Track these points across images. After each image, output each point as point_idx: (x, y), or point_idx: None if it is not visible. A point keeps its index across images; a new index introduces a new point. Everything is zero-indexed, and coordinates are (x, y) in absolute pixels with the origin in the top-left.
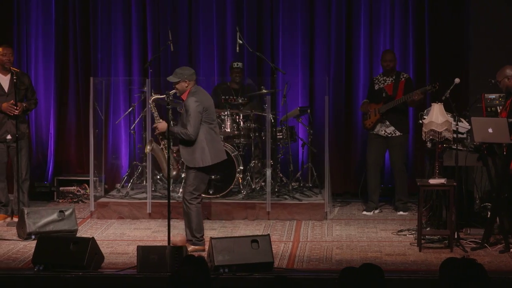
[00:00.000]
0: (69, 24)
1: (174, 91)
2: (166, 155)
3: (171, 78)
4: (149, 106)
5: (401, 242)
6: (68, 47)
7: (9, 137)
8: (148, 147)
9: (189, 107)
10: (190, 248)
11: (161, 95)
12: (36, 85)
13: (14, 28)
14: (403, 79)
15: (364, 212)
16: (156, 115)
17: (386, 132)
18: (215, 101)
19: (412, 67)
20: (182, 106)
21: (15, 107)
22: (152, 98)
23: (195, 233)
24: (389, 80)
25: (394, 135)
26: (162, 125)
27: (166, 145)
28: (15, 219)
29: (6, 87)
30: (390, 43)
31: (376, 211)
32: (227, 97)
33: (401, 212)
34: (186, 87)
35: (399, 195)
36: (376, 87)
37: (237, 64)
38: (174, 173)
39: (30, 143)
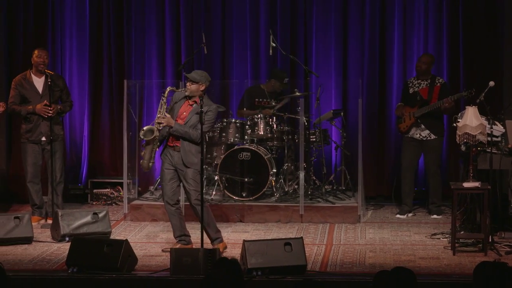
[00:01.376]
0: (103, 26)
1: (183, 89)
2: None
3: (194, 78)
4: (163, 96)
5: (435, 245)
6: (102, 50)
7: (43, 139)
8: (152, 134)
9: (213, 113)
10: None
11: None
12: (70, 87)
13: (49, 30)
14: (438, 84)
15: (398, 215)
16: (165, 107)
17: (421, 135)
18: (247, 103)
19: (446, 70)
20: (204, 110)
21: (49, 109)
22: (169, 89)
23: (217, 228)
24: (424, 84)
25: (429, 138)
26: (169, 120)
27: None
28: (49, 221)
29: (40, 89)
30: (424, 46)
31: (410, 215)
32: (260, 99)
33: (434, 216)
34: (201, 91)
35: (433, 198)
36: (411, 90)
37: (286, 81)
38: (151, 164)
39: (64, 146)
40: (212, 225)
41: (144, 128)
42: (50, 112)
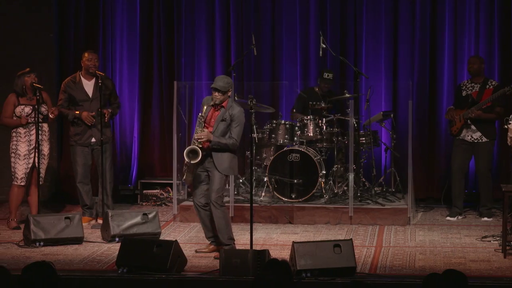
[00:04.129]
0: (153, 28)
1: (217, 98)
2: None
3: (223, 87)
4: (200, 115)
5: (485, 248)
6: (152, 52)
7: (93, 140)
8: (198, 155)
9: (239, 117)
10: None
11: (243, 100)
12: (120, 89)
13: (100, 32)
14: (491, 86)
15: (448, 218)
16: (204, 123)
17: (472, 137)
18: (300, 106)
19: (497, 71)
20: (227, 115)
21: (93, 119)
22: (205, 107)
23: (231, 235)
24: (476, 86)
25: (480, 141)
26: (208, 135)
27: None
28: (100, 221)
29: (90, 92)
30: (475, 48)
31: (460, 217)
32: (314, 102)
33: (485, 218)
34: (229, 96)
35: (484, 201)
36: (464, 93)
37: (328, 76)
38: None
39: (114, 147)
40: (223, 231)
41: (185, 152)
42: (94, 121)
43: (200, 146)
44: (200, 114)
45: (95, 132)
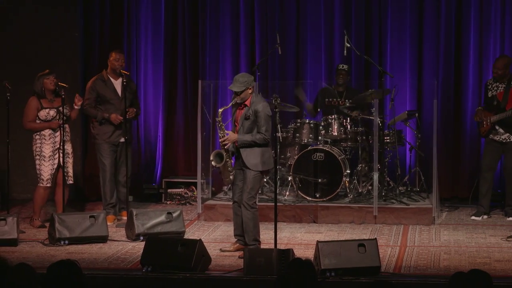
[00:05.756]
0: (178, 27)
1: (233, 101)
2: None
3: (238, 87)
4: (217, 120)
5: (511, 248)
6: (176, 51)
7: (122, 140)
8: (222, 159)
9: (262, 112)
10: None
11: (268, 99)
12: (145, 88)
13: (124, 32)
14: None
15: (473, 217)
16: (224, 127)
17: (501, 138)
18: (320, 103)
19: None
20: (251, 112)
21: (122, 120)
22: (220, 111)
23: (257, 237)
24: (501, 86)
25: (508, 140)
26: (232, 137)
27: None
28: (124, 218)
29: (119, 91)
30: (500, 47)
31: (485, 217)
32: (329, 99)
33: (511, 218)
34: (250, 93)
35: (510, 200)
36: (490, 93)
37: (342, 66)
38: (232, 177)
39: (139, 146)
40: (250, 232)
41: (212, 156)
42: (131, 114)
43: (225, 148)
44: (217, 118)
45: (124, 131)
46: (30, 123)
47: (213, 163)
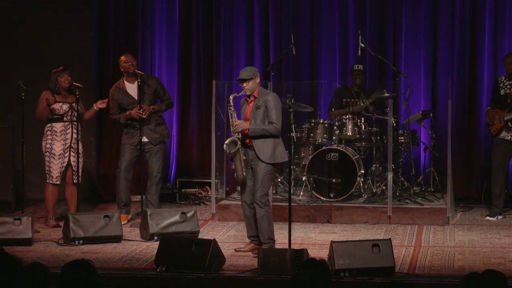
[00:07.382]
0: (192, 27)
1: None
2: (242, 157)
3: (246, 75)
4: (228, 106)
5: None
6: (191, 50)
7: (144, 139)
8: (236, 145)
9: (272, 102)
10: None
11: (282, 99)
12: None
13: (139, 32)
14: None
15: (487, 218)
16: (235, 115)
17: None
18: (336, 104)
19: None
20: (261, 103)
21: (141, 112)
22: (232, 97)
23: (272, 236)
24: None
25: None
26: (243, 124)
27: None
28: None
29: (135, 95)
30: None
31: (500, 217)
32: (348, 99)
33: None
34: (258, 83)
35: None
36: (502, 91)
37: (358, 66)
38: (245, 173)
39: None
40: (264, 230)
41: (226, 142)
42: (143, 114)
43: (239, 136)
44: (228, 104)
45: (147, 131)
46: (39, 111)
47: (226, 148)
